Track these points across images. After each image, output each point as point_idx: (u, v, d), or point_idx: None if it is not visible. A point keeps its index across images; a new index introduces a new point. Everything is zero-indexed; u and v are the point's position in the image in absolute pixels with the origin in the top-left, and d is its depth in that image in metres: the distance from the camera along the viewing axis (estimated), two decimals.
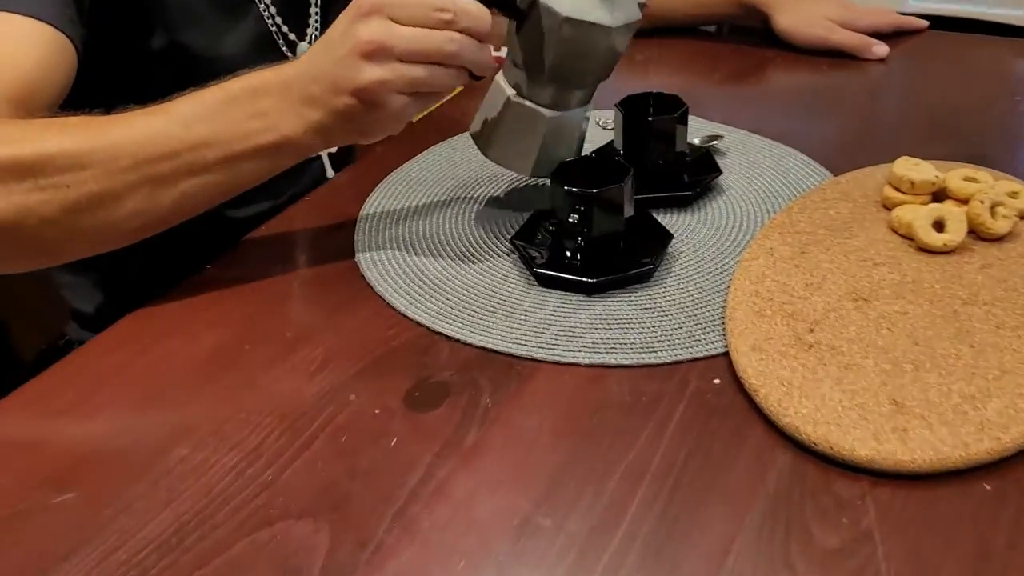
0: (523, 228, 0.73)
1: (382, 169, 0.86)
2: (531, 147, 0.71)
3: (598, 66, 0.69)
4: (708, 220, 0.76)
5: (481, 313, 0.66)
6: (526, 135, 0.71)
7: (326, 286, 0.71)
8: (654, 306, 0.66)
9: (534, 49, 0.66)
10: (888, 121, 0.94)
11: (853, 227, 0.72)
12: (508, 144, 0.72)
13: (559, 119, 0.70)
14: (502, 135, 0.72)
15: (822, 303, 0.64)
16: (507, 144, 0.72)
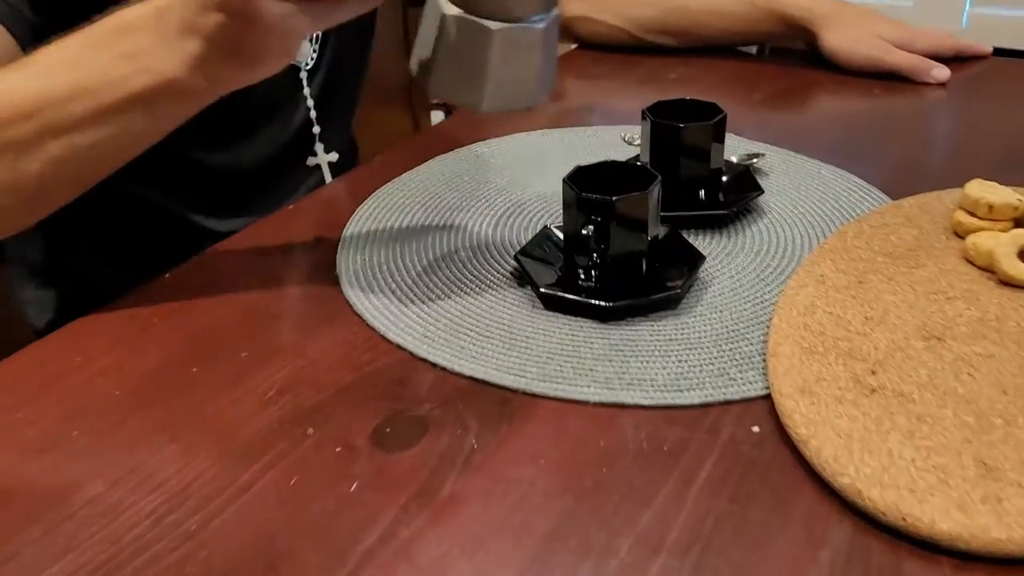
0: (530, 243, 0.63)
1: (381, 178, 0.77)
2: (479, 72, 0.56)
3: None
4: (747, 243, 0.66)
5: (474, 338, 0.56)
6: (471, 58, 0.56)
7: (299, 302, 0.61)
8: (681, 337, 0.55)
9: None
10: (950, 147, 0.84)
11: (920, 255, 0.61)
12: (451, 72, 0.57)
13: (509, 32, 0.56)
14: (443, 62, 0.57)
15: (886, 340, 0.53)
16: (450, 73, 0.57)
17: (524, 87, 0.57)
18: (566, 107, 0.94)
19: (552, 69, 0.59)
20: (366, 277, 0.62)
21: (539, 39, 0.56)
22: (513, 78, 0.57)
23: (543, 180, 0.75)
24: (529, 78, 0.57)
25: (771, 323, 0.55)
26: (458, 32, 0.55)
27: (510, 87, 0.57)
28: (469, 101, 0.57)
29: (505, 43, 0.55)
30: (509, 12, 0.55)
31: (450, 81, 0.57)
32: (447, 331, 0.56)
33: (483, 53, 0.55)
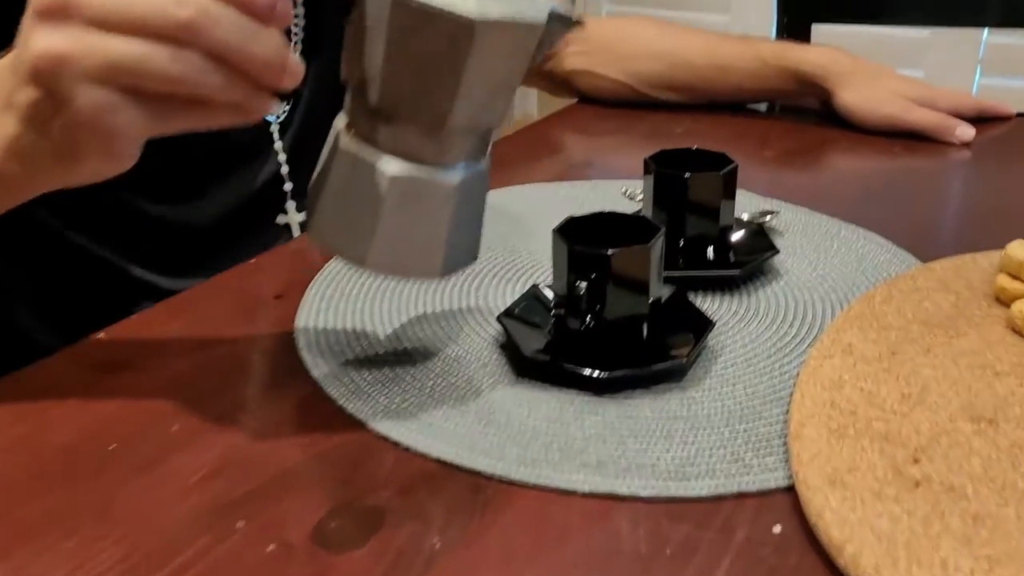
0: (515, 304, 0.55)
1: None
2: (367, 222, 0.45)
3: (451, 87, 0.43)
4: (761, 308, 0.58)
5: (445, 413, 0.48)
6: (360, 202, 0.45)
7: (247, 367, 0.53)
8: (687, 415, 0.47)
9: (359, 53, 0.44)
10: (979, 208, 0.77)
11: (960, 324, 0.54)
12: (336, 215, 0.46)
13: (410, 181, 0.44)
14: (328, 200, 0.46)
15: (928, 422, 0.45)
16: (335, 215, 0.46)
17: (424, 252, 0.46)
18: (564, 162, 0.88)
19: (475, 236, 0.49)
20: (327, 340, 0.54)
21: (451, 195, 0.45)
22: (411, 238, 0.46)
23: (534, 236, 0.68)
24: (433, 242, 0.46)
25: (792, 400, 0.47)
26: (351, 167, 0.45)
27: (405, 249, 0.46)
28: (351, 255, 0.46)
29: (403, 193, 0.45)
30: (417, 154, 0.44)
31: (333, 225, 0.46)
32: (414, 404, 0.48)
33: (375, 200, 0.44)
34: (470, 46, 0.42)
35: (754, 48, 0.94)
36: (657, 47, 0.97)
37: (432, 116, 0.44)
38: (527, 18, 0.43)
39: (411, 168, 0.45)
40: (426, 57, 0.43)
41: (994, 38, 1.83)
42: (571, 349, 0.51)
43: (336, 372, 0.51)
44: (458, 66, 0.42)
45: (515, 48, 0.44)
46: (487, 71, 0.43)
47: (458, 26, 0.41)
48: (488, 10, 0.42)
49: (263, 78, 0.42)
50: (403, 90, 0.44)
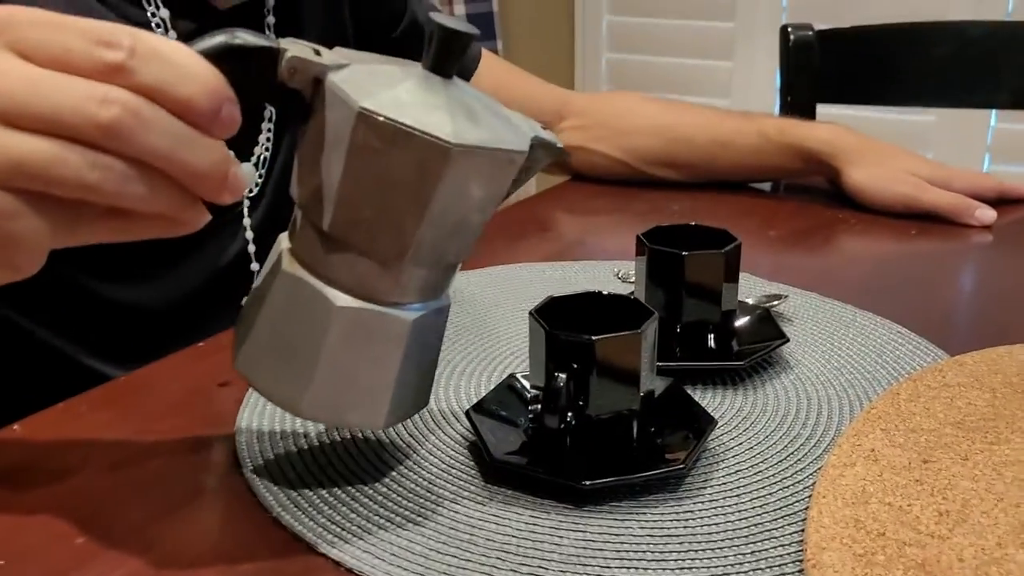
0: (487, 397, 0.48)
1: None
2: (306, 358, 0.39)
3: (415, 217, 0.38)
4: (769, 405, 0.51)
5: (398, 528, 0.40)
6: (300, 335, 0.39)
7: (175, 469, 0.46)
8: (683, 532, 0.40)
9: (315, 172, 0.38)
10: (1005, 296, 0.70)
11: (999, 427, 0.46)
12: (271, 346, 0.40)
13: (360, 314, 0.39)
14: (264, 326, 0.40)
15: (972, 548, 0.37)
16: (269, 346, 0.40)
17: (368, 398, 0.40)
18: (553, 242, 0.82)
19: (426, 382, 0.43)
20: (272, 439, 0.47)
21: (403, 336, 0.40)
22: (354, 382, 0.40)
23: (515, 320, 0.61)
24: (378, 387, 0.40)
25: (809, 516, 0.40)
26: (291, 295, 0.40)
27: (346, 393, 0.40)
28: (283, 396, 0.40)
29: (350, 330, 0.39)
30: (369, 288, 0.39)
31: (265, 360, 0.40)
32: (363, 517, 0.41)
33: (317, 335, 0.39)
34: (442, 173, 0.37)
35: (757, 124, 0.89)
36: (656, 122, 0.92)
37: (390, 247, 0.39)
38: (508, 145, 0.38)
39: (361, 303, 0.39)
40: (390, 181, 0.37)
41: (1003, 124, 1.80)
42: (549, 452, 0.44)
43: (278, 479, 0.44)
44: (426, 194, 0.37)
45: (492, 177, 0.39)
46: (457, 201, 0.38)
47: (431, 149, 0.36)
48: (466, 134, 0.37)
49: (199, 191, 0.36)
50: (360, 216, 0.38)
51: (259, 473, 0.44)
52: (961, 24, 1.10)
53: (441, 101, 0.38)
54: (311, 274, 0.39)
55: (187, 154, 0.35)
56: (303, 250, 0.40)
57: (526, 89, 0.92)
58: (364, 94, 0.37)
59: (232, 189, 0.37)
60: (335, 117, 0.37)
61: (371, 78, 0.38)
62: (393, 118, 0.36)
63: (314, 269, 0.39)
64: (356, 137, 0.37)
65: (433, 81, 0.39)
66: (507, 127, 0.40)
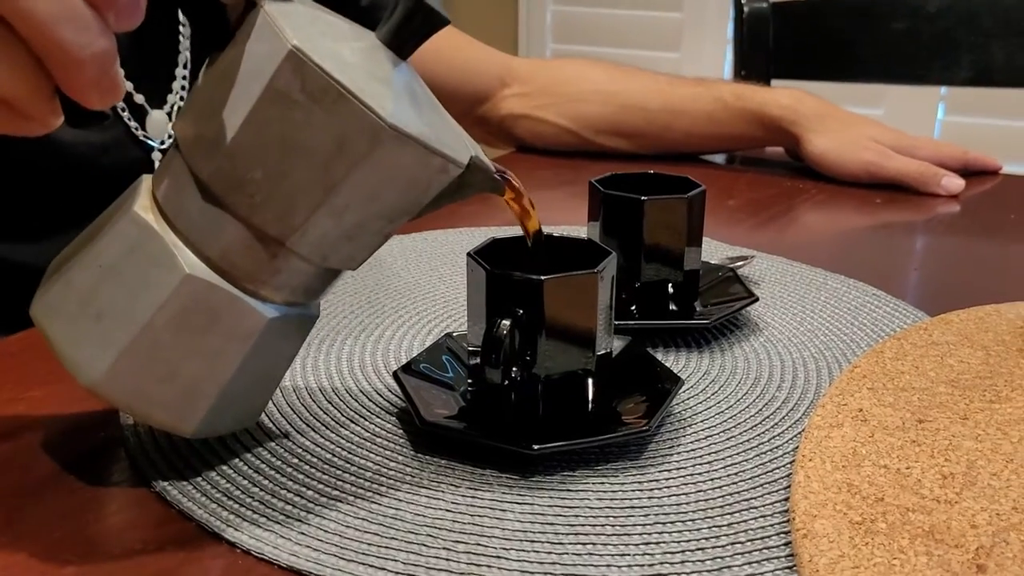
0: (418, 358, 0.42)
1: None
2: (126, 322, 0.32)
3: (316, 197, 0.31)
4: (739, 367, 0.45)
5: (309, 505, 0.34)
6: (127, 291, 0.32)
7: (45, 442, 0.38)
8: (649, 504, 0.34)
9: (213, 109, 0.32)
10: (978, 262, 0.66)
11: (997, 385, 0.41)
12: (87, 295, 0.32)
13: (210, 292, 0.32)
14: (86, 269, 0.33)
15: (985, 513, 0.32)
16: (84, 298, 0.32)
17: (184, 394, 0.32)
18: (494, 214, 0.75)
19: (259, 399, 0.36)
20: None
21: (254, 332, 0.32)
22: (176, 367, 0.32)
23: (452, 285, 0.55)
24: (203, 384, 0.33)
25: (793, 482, 0.34)
26: (134, 244, 0.32)
27: (160, 381, 0.32)
28: (78, 359, 0.32)
29: (192, 304, 0.32)
30: (233, 266, 0.32)
31: (73, 311, 0.32)
32: (267, 491, 0.34)
33: (150, 300, 0.31)
34: (366, 154, 0.30)
35: (713, 90, 0.83)
36: (605, 88, 0.86)
37: (274, 223, 0.31)
38: (447, 151, 0.32)
39: (217, 278, 0.32)
40: (299, 144, 0.31)
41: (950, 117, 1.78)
42: (490, 414, 0.38)
43: (166, 450, 0.37)
44: (336, 173, 0.31)
45: (417, 181, 0.32)
46: (370, 195, 0.32)
47: (361, 122, 0.30)
48: (406, 120, 0.31)
49: (66, 82, 0.29)
50: (249, 175, 0.31)
51: (144, 444, 0.37)
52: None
53: (387, 76, 0.32)
54: (166, 226, 0.32)
55: (68, 31, 0.28)
56: (166, 196, 0.32)
57: (468, 52, 0.86)
58: (303, 36, 0.30)
59: (105, 90, 0.30)
60: (259, 51, 0.30)
61: (315, 24, 0.32)
62: (328, 71, 0.30)
63: (172, 221, 0.32)
64: (277, 80, 0.30)
65: (384, 54, 0.33)
66: (451, 133, 0.33)
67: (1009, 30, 1.03)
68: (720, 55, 1.93)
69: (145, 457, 0.36)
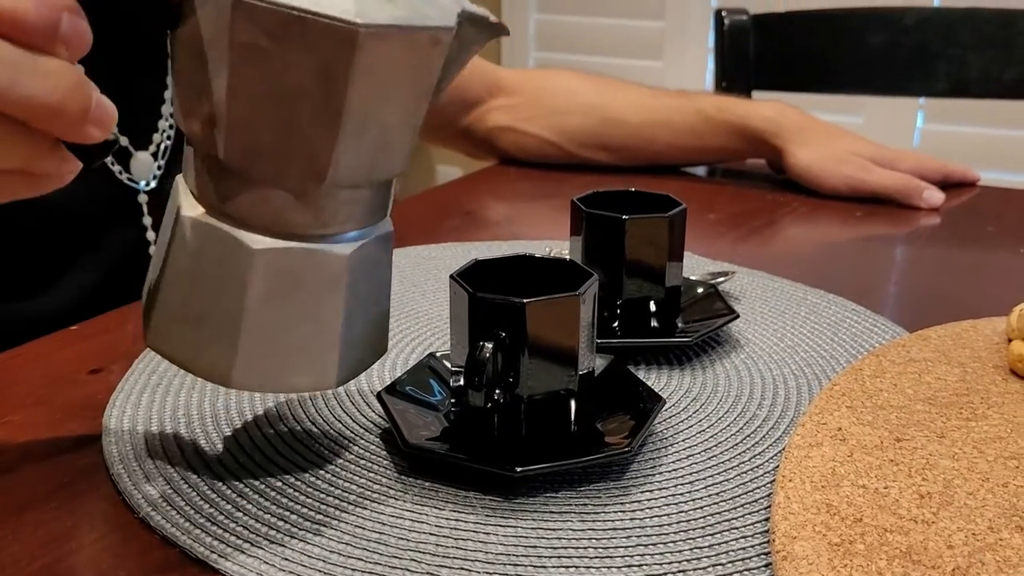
0: (402, 379, 0.42)
1: None
2: (228, 320, 0.33)
3: (328, 126, 0.31)
4: (720, 384, 0.46)
5: (294, 526, 0.34)
6: (216, 293, 0.33)
7: (27, 466, 0.38)
8: (630, 525, 0.34)
9: (198, 91, 0.31)
10: (957, 276, 0.66)
11: (974, 402, 0.42)
12: (185, 313, 0.34)
13: (282, 258, 0.32)
14: (174, 291, 0.34)
15: (961, 532, 0.32)
16: (184, 314, 0.34)
17: (311, 355, 0.34)
18: (478, 227, 0.76)
19: (379, 324, 0.37)
20: (146, 429, 0.40)
21: (340, 275, 0.33)
22: (290, 338, 0.33)
23: (436, 301, 0.55)
24: (322, 340, 0.34)
25: (774, 503, 0.35)
26: (198, 248, 0.33)
27: (284, 353, 0.33)
28: (210, 368, 0.34)
29: (275, 277, 0.32)
30: (289, 224, 0.32)
31: (182, 329, 0.34)
32: (252, 516, 0.34)
33: (236, 290, 0.32)
34: (351, 66, 0.30)
35: (695, 102, 0.84)
36: (589, 101, 0.86)
37: (304, 173, 0.31)
38: (430, 22, 0.31)
39: (283, 242, 0.32)
40: (288, 89, 0.30)
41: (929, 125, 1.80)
42: (473, 436, 0.38)
43: (151, 475, 0.37)
44: (336, 98, 0.30)
45: (415, 66, 0.32)
46: (378, 101, 0.31)
47: (333, 37, 0.29)
48: (374, 13, 0.30)
49: (55, 128, 0.29)
50: (259, 139, 0.31)
51: (128, 469, 0.37)
52: (897, 11, 1.07)
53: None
54: (218, 217, 0.32)
55: (27, 83, 0.28)
56: (204, 190, 0.33)
57: None
58: None
59: (97, 121, 0.30)
60: (208, 15, 0.30)
61: None
62: (278, 1, 0.29)
63: (220, 210, 0.32)
64: (236, 35, 0.29)
65: None
66: (427, 2, 0.32)
67: (985, 43, 1.04)
68: (702, 63, 1.94)
69: (128, 482, 0.36)
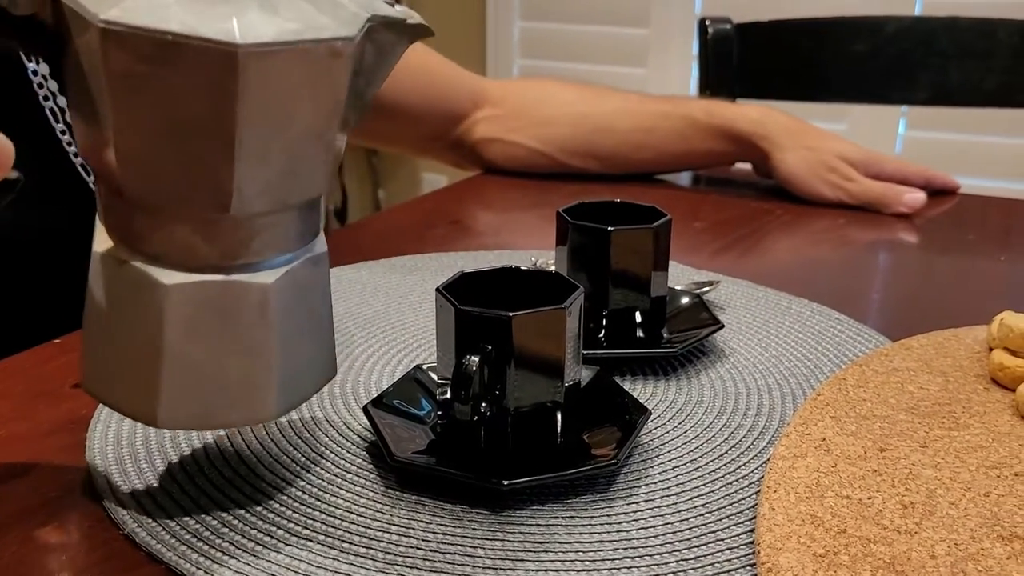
0: (388, 391, 0.42)
1: None
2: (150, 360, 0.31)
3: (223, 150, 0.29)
4: (705, 395, 0.46)
5: (280, 541, 0.34)
6: (135, 333, 0.32)
7: (7, 484, 0.38)
8: (616, 537, 0.35)
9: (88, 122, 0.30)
10: (940, 283, 0.67)
11: (956, 411, 0.42)
12: (110, 354, 0.33)
13: (197, 292, 0.31)
14: (96, 332, 0.33)
15: (944, 543, 0.33)
16: (109, 355, 0.33)
17: (246, 388, 0.32)
18: (463, 236, 0.76)
19: (322, 347, 0.35)
20: (131, 445, 0.40)
21: (265, 302, 0.32)
22: (220, 373, 0.32)
23: (421, 312, 0.55)
24: (254, 373, 0.32)
25: (759, 514, 0.35)
26: (114, 283, 0.32)
27: (215, 391, 0.32)
28: (137, 409, 0.32)
29: (193, 310, 0.31)
30: (203, 257, 0.31)
31: (109, 369, 0.33)
32: (238, 532, 0.34)
33: (154, 326, 0.31)
34: (237, 87, 0.28)
35: (683, 107, 0.84)
36: (575, 110, 0.87)
37: (207, 201, 0.30)
38: (324, 33, 0.29)
39: (198, 276, 0.31)
40: (175, 115, 0.28)
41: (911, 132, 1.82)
42: (460, 449, 0.38)
43: (136, 491, 0.37)
44: (226, 121, 0.28)
45: (314, 79, 0.30)
46: (275, 120, 0.29)
47: (212, 59, 0.27)
48: (258, 29, 0.27)
49: None
50: (153, 169, 0.29)
51: (113, 484, 0.37)
52: (879, 20, 1.08)
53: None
54: (130, 253, 0.31)
55: None
56: (116, 225, 0.31)
57: (441, 74, 0.86)
58: (109, 3, 0.27)
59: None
60: (83, 44, 0.28)
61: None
62: (148, 26, 0.27)
63: (132, 246, 0.31)
64: (110, 64, 0.28)
65: None
66: (324, 9, 0.30)
67: (965, 52, 1.05)
68: (687, 70, 1.95)
69: (113, 499, 0.36)
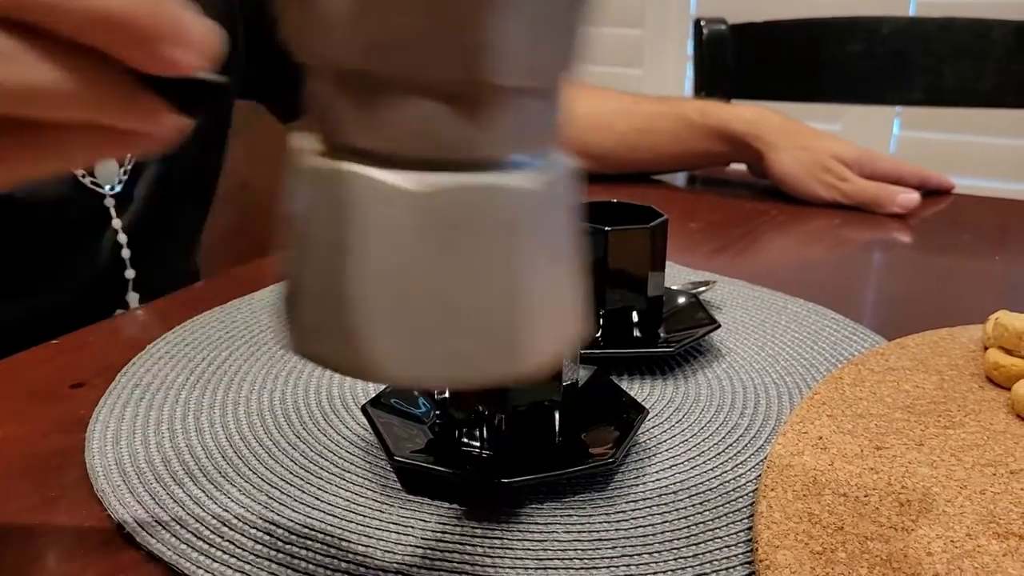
0: (387, 391, 0.42)
1: (203, 304, 0.56)
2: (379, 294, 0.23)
3: None
4: (703, 394, 0.46)
5: (279, 540, 0.34)
6: (363, 261, 0.23)
7: (4, 485, 0.38)
8: (615, 535, 0.35)
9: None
10: (935, 283, 0.67)
11: (951, 410, 0.42)
12: (324, 301, 0.23)
13: (444, 196, 0.22)
14: (306, 272, 0.24)
15: (941, 540, 0.33)
16: (322, 301, 0.23)
17: (490, 330, 0.23)
18: None
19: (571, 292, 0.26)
20: (129, 446, 0.40)
21: (523, 212, 0.23)
22: (461, 307, 0.23)
23: None
24: (500, 303, 0.23)
25: (756, 512, 0.35)
26: (329, 200, 0.23)
27: (454, 329, 0.23)
28: (362, 361, 0.23)
29: (441, 219, 0.23)
30: (439, 144, 0.22)
31: (326, 320, 0.24)
32: (237, 531, 0.34)
33: (386, 250, 0.23)
34: None
35: (677, 107, 0.85)
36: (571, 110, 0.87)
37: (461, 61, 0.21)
38: None
39: (449, 177, 0.22)
40: None
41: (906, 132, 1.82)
42: (459, 448, 0.38)
43: (135, 490, 0.37)
44: None
45: None
46: None
47: None
48: None
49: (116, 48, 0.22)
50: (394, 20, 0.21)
51: (112, 484, 0.37)
52: (874, 21, 1.09)
53: None
54: (347, 159, 0.22)
55: None
56: (328, 126, 0.23)
57: None
58: None
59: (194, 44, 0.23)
60: None
61: None
62: None
63: (351, 146, 0.22)
64: None
65: None
66: None
67: (960, 52, 1.05)
68: (681, 71, 1.95)
69: (112, 498, 0.36)
